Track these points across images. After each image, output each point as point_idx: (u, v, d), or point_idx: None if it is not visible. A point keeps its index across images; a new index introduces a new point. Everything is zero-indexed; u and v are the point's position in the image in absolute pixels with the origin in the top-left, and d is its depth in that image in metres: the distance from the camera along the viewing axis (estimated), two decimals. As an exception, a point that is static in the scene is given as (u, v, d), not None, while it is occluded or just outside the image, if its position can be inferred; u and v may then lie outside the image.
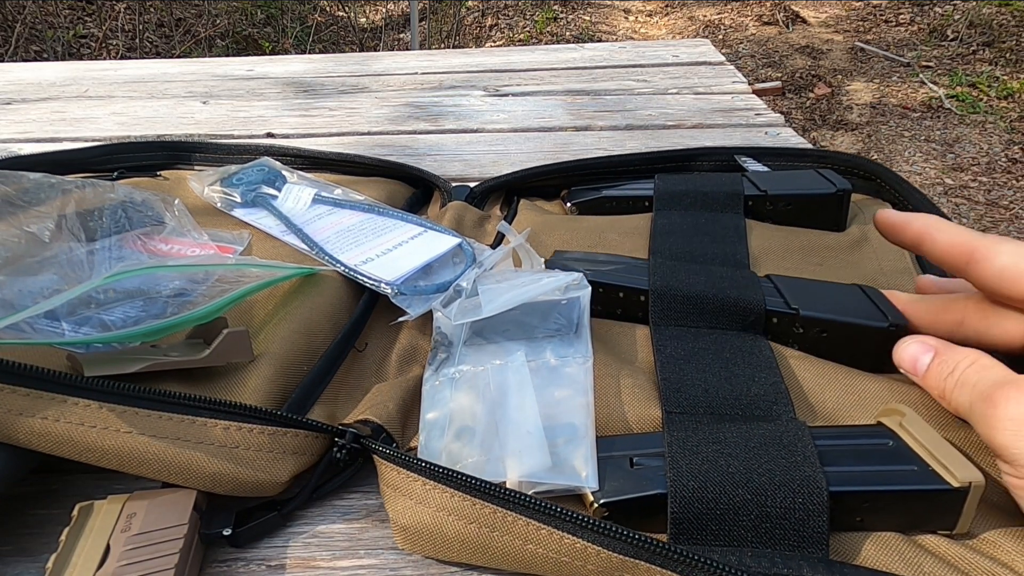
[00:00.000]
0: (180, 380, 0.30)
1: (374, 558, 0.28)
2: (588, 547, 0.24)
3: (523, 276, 0.36)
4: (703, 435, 0.28)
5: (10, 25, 2.62)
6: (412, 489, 0.27)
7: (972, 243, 0.29)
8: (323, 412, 0.32)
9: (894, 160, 2.20)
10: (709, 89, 0.77)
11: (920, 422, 0.27)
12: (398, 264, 0.40)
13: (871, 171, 0.47)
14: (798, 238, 0.42)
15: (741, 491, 0.25)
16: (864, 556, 0.25)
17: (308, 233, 0.43)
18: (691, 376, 0.31)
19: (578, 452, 0.28)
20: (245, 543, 0.28)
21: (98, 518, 0.27)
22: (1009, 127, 2.33)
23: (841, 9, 3.39)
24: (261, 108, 0.76)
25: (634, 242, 0.42)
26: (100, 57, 2.67)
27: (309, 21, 3.37)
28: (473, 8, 3.64)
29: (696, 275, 0.36)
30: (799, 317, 0.34)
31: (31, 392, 0.26)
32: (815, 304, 0.34)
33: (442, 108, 0.75)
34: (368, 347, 0.37)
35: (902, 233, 0.33)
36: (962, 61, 2.76)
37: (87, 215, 0.38)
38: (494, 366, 0.32)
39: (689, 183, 0.46)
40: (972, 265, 0.29)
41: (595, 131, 0.68)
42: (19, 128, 0.71)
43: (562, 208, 0.50)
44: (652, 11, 3.70)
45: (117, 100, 0.79)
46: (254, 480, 0.28)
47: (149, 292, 0.34)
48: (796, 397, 0.31)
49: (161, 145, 0.56)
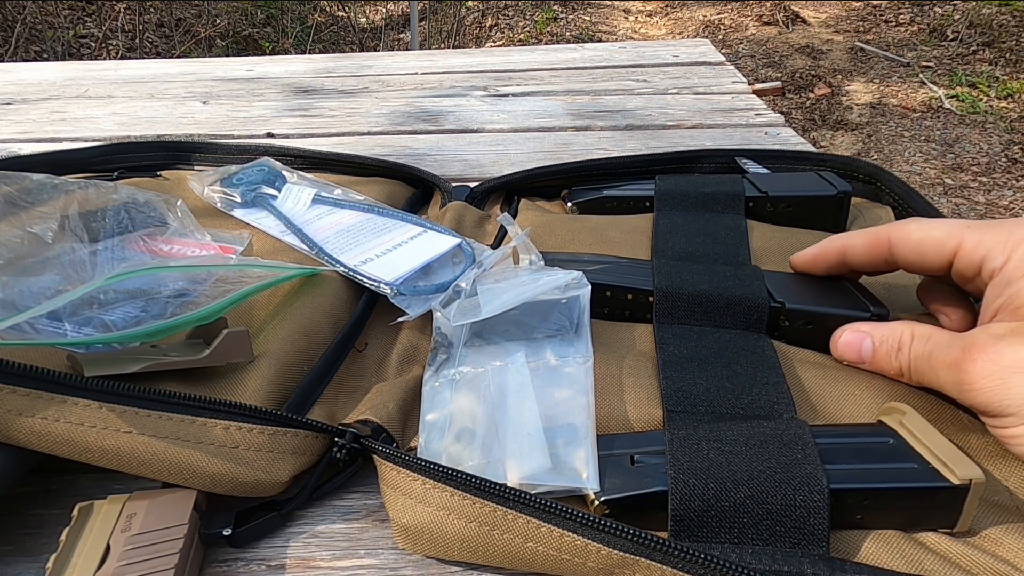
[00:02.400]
0: (180, 380, 0.30)
1: (374, 558, 0.28)
2: (589, 544, 0.24)
3: (522, 276, 0.36)
4: (704, 433, 0.28)
5: (10, 25, 2.62)
6: (412, 489, 0.27)
7: (883, 233, 0.32)
8: (323, 412, 0.32)
9: (894, 160, 2.20)
10: (709, 89, 0.77)
11: (920, 420, 0.27)
12: (398, 264, 0.40)
13: (871, 174, 0.48)
14: (799, 239, 0.42)
15: (742, 489, 0.25)
16: (865, 553, 0.25)
17: (308, 233, 0.43)
18: (693, 375, 0.31)
19: (579, 453, 0.28)
20: (245, 543, 0.28)
21: (98, 518, 0.27)
22: (1009, 127, 2.33)
23: (841, 9, 3.39)
24: (261, 108, 0.76)
25: (636, 241, 0.42)
26: (100, 57, 2.67)
27: (309, 21, 3.38)
28: (473, 8, 3.65)
29: (699, 274, 0.37)
30: (784, 310, 0.34)
31: (31, 392, 0.26)
32: (800, 297, 0.35)
33: (442, 108, 0.75)
34: (368, 347, 0.37)
35: (824, 262, 0.35)
36: (962, 61, 2.76)
37: (90, 216, 0.38)
38: (494, 367, 0.32)
39: (690, 184, 0.46)
40: (893, 252, 0.32)
41: (595, 131, 0.68)
42: (19, 128, 0.71)
43: (563, 208, 0.50)
44: (652, 11, 3.70)
45: (117, 100, 0.79)
46: (254, 480, 0.28)
47: (150, 292, 0.34)
48: (797, 396, 0.31)
49: (161, 145, 0.56)
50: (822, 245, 0.35)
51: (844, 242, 0.34)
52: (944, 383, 0.28)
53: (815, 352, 0.34)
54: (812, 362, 0.33)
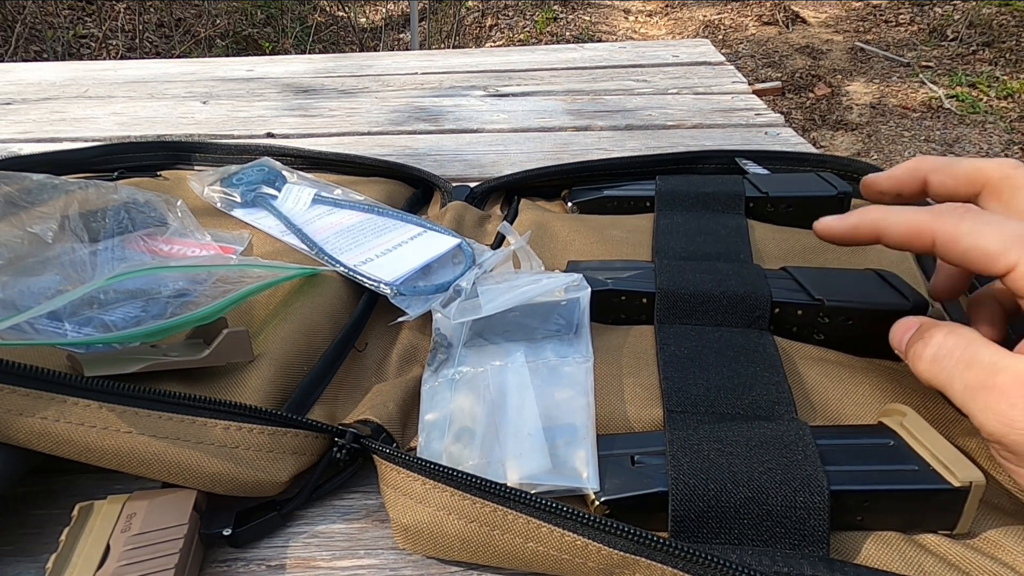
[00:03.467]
0: (180, 380, 0.30)
1: (374, 558, 0.28)
2: (589, 544, 0.24)
3: (523, 277, 0.36)
4: (704, 433, 0.28)
5: (10, 25, 2.62)
6: (412, 489, 0.27)
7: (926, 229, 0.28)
8: (323, 412, 0.32)
9: (894, 160, 2.20)
10: (709, 89, 0.77)
11: (921, 422, 0.27)
12: (398, 264, 0.40)
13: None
14: (800, 239, 0.42)
15: (742, 489, 0.25)
16: (865, 555, 0.25)
17: (308, 233, 0.43)
18: (693, 375, 0.31)
19: (578, 453, 0.28)
20: (245, 543, 0.28)
21: (98, 518, 0.27)
22: (1009, 127, 2.33)
23: (841, 9, 3.39)
24: (261, 108, 0.76)
25: (636, 240, 0.42)
26: (100, 57, 2.67)
27: (309, 21, 3.37)
28: (473, 8, 3.64)
29: (701, 273, 0.36)
30: (824, 307, 0.34)
31: (31, 392, 0.26)
32: (838, 293, 0.34)
33: (442, 108, 0.75)
34: (368, 347, 0.37)
35: (855, 239, 0.31)
36: (962, 61, 2.76)
37: (90, 216, 0.38)
38: (494, 367, 0.32)
39: (691, 184, 0.46)
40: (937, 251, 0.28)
41: (595, 131, 0.68)
42: (19, 128, 0.71)
43: (563, 208, 0.50)
44: (652, 11, 3.70)
45: (117, 100, 0.79)
46: (254, 480, 0.28)
47: (150, 292, 0.34)
48: (798, 396, 0.31)
49: (161, 145, 0.56)
50: (856, 220, 0.30)
51: (881, 225, 0.29)
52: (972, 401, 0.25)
53: (819, 348, 0.34)
54: (815, 358, 0.33)
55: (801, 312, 0.34)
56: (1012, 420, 0.23)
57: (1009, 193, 0.28)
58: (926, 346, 0.27)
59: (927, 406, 0.30)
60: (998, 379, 0.24)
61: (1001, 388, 0.23)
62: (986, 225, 0.26)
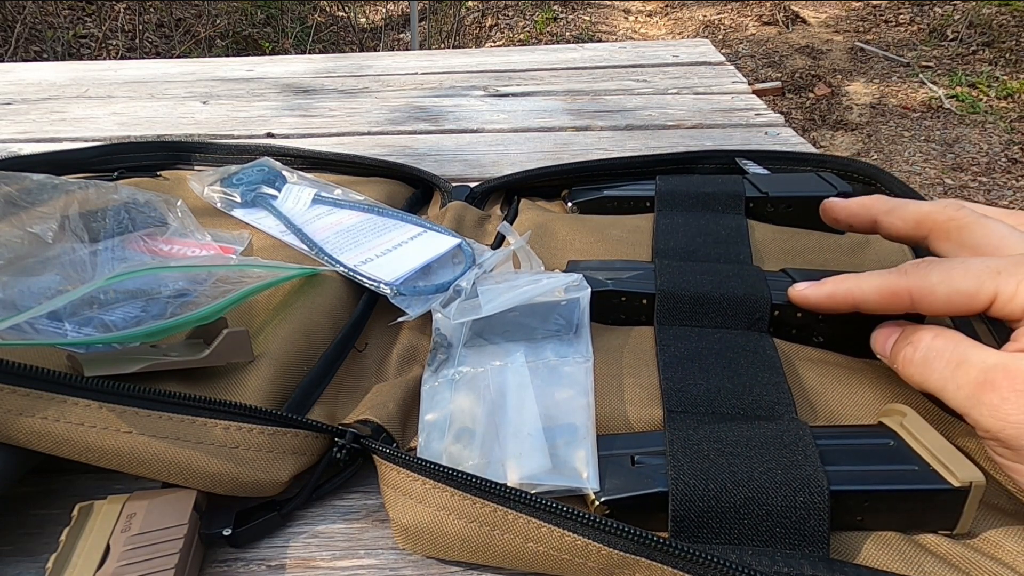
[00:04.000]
0: (180, 380, 0.30)
1: (374, 558, 0.28)
2: (589, 544, 0.24)
3: (523, 277, 0.36)
4: (704, 434, 0.28)
5: (10, 25, 2.62)
6: (412, 489, 0.27)
7: (900, 288, 0.29)
8: (323, 412, 0.32)
9: (894, 160, 2.20)
10: (709, 89, 0.77)
11: (921, 422, 0.27)
12: (398, 264, 0.40)
13: (870, 175, 0.48)
14: (800, 239, 0.42)
15: (742, 490, 0.25)
16: (864, 555, 0.25)
17: (308, 233, 0.43)
18: (693, 375, 0.31)
19: (578, 453, 0.28)
20: (245, 543, 0.28)
21: (98, 518, 0.27)
22: (1009, 127, 2.33)
23: (841, 9, 3.39)
24: (261, 108, 0.76)
25: (636, 240, 0.42)
26: (100, 57, 2.67)
27: (309, 21, 3.38)
28: (473, 8, 3.65)
29: (701, 274, 0.36)
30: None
31: (31, 392, 0.26)
32: None
33: (442, 108, 0.75)
34: (368, 347, 0.37)
35: (834, 310, 0.32)
36: (962, 61, 2.76)
37: (90, 216, 0.38)
38: (494, 367, 0.32)
39: (691, 184, 0.46)
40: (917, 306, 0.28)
41: (595, 131, 0.68)
42: (19, 128, 0.71)
43: (563, 208, 0.50)
44: (652, 11, 3.70)
45: (117, 100, 0.79)
46: (254, 480, 0.28)
47: (150, 292, 0.34)
48: (798, 397, 0.31)
49: (161, 145, 0.56)
50: (831, 289, 0.31)
51: (856, 295, 0.30)
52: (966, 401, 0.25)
53: (819, 349, 0.34)
54: (815, 360, 0.33)
55: (800, 314, 0.34)
56: (1005, 414, 0.24)
57: (957, 233, 0.30)
58: (916, 349, 0.28)
59: (927, 406, 0.30)
60: (989, 375, 0.24)
61: (992, 383, 0.24)
62: (953, 269, 0.27)
